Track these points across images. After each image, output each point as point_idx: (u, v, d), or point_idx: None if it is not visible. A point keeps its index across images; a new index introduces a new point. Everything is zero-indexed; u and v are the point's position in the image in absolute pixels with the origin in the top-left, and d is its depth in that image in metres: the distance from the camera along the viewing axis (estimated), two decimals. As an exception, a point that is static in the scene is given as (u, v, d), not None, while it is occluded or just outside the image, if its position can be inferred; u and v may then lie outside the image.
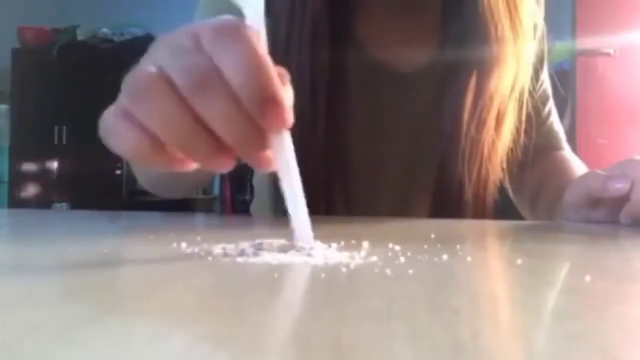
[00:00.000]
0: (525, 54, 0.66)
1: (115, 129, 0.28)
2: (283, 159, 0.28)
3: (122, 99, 0.28)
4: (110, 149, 0.28)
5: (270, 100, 0.26)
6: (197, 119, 0.26)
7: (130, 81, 0.27)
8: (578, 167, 0.72)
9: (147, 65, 0.28)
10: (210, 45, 0.27)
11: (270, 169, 0.28)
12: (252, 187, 0.83)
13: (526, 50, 0.66)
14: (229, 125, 0.26)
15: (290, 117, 0.27)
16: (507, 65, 0.64)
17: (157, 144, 0.27)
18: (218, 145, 0.27)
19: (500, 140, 0.66)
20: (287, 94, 0.27)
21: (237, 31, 0.27)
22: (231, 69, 0.26)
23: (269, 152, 0.27)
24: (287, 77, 0.28)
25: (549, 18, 0.75)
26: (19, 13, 3.75)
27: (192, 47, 0.27)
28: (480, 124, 0.65)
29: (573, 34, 2.45)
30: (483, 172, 0.66)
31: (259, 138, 0.27)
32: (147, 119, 0.27)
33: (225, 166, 0.28)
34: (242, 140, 0.26)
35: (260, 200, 0.78)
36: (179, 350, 0.14)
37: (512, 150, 0.68)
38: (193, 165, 0.29)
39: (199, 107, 0.26)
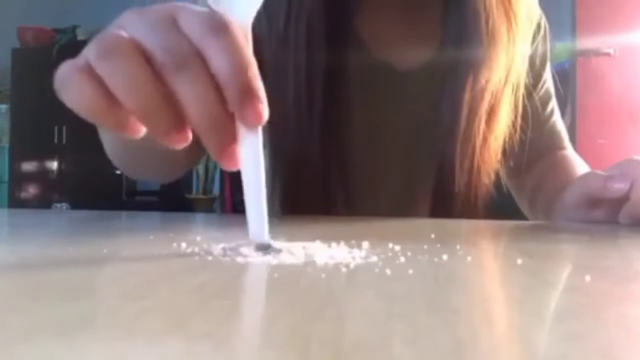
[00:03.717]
0: (520, 48, 0.66)
1: (72, 80, 0.27)
2: (252, 153, 0.28)
3: (86, 55, 0.28)
4: (63, 100, 0.28)
5: (253, 95, 0.27)
6: (162, 90, 0.27)
7: (101, 40, 0.28)
8: (579, 166, 0.72)
9: (121, 32, 0.28)
10: (196, 32, 0.27)
11: (236, 167, 0.28)
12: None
13: (521, 44, 0.66)
14: (203, 106, 0.27)
15: (266, 115, 0.27)
16: (499, 58, 0.64)
17: (111, 102, 0.27)
18: (177, 120, 0.27)
19: (492, 132, 0.66)
20: (264, 94, 0.28)
21: (227, 26, 0.28)
22: (219, 58, 0.27)
23: (236, 147, 0.28)
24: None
25: (549, 18, 0.75)
26: (19, 13, 3.75)
27: (170, 27, 0.28)
28: (472, 116, 0.65)
29: (573, 34, 2.45)
30: (475, 163, 0.66)
31: (229, 126, 0.28)
32: (110, 77, 0.27)
33: (179, 142, 0.28)
34: (213, 123, 0.27)
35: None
36: (179, 350, 0.14)
37: (508, 144, 0.68)
38: (141, 132, 0.29)
39: (174, 83, 0.27)
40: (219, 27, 0.27)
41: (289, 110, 0.63)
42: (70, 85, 0.27)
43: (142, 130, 0.29)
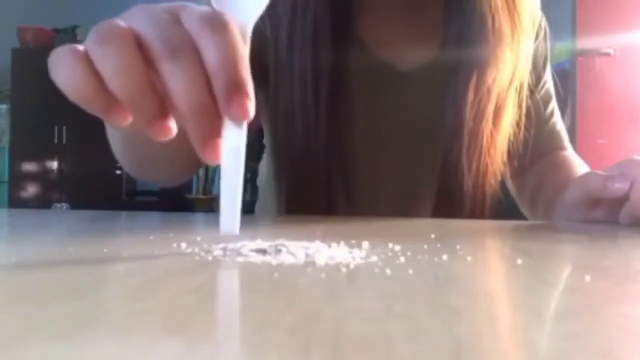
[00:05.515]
0: (524, 48, 0.66)
1: (65, 59, 0.28)
2: (235, 148, 0.28)
3: (85, 43, 0.28)
4: (53, 79, 0.28)
5: (240, 89, 0.27)
6: (151, 80, 0.27)
7: (98, 27, 0.28)
8: (579, 167, 0.72)
9: (119, 21, 0.29)
10: (195, 27, 0.28)
11: (216, 161, 0.28)
12: (254, 187, 0.83)
13: (525, 43, 0.66)
14: (191, 94, 0.27)
15: (252, 112, 0.27)
16: (505, 58, 0.64)
17: (100, 85, 0.27)
18: (162, 111, 0.28)
19: (499, 132, 0.66)
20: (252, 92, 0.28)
21: (225, 23, 0.28)
22: (211, 50, 0.27)
23: (219, 141, 0.28)
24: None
25: (549, 18, 0.75)
26: (19, 13, 3.75)
27: (171, 21, 0.29)
28: (479, 116, 0.65)
29: (573, 34, 2.45)
30: (483, 163, 0.66)
31: (215, 119, 0.28)
32: (102, 61, 0.27)
33: (162, 134, 0.28)
34: (199, 113, 0.27)
35: (264, 200, 0.78)
36: (178, 350, 0.14)
37: (512, 144, 0.68)
38: (129, 118, 0.29)
39: (165, 70, 0.27)
40: (217, 23, 0.28)
41: (294, 112, 0.64)
42: (62, 63, 0.28)
43: (128, 119, 0.29)
